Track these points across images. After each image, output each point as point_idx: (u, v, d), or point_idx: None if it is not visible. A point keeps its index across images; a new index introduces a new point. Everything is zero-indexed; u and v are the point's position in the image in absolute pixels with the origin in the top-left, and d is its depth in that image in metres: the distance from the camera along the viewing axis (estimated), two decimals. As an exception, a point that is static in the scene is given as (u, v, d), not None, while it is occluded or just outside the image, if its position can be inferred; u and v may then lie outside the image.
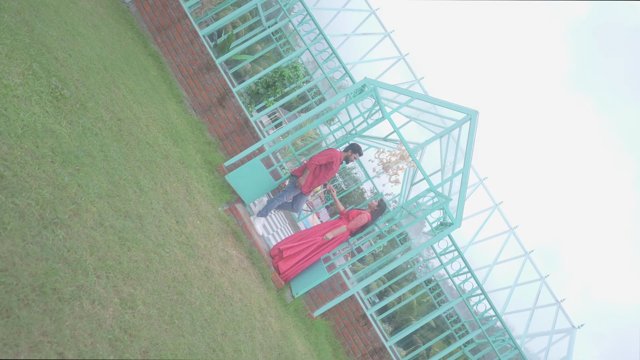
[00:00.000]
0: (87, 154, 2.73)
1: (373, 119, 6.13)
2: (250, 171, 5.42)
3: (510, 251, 8.39)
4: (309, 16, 6.99)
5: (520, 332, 7.88)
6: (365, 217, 5.40)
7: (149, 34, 6.86)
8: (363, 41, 8.49)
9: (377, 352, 6.39)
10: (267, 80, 7.27)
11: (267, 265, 5.14)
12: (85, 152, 2.71)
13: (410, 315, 33.66)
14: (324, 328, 5.99)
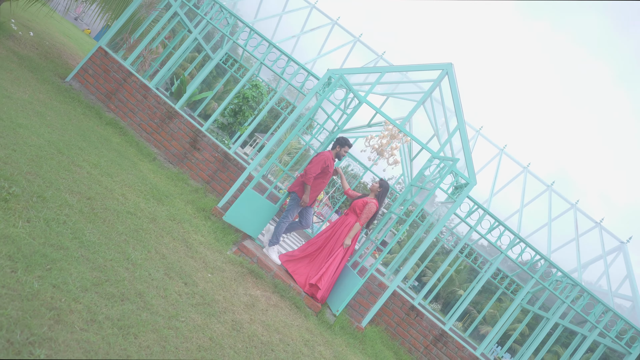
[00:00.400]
0: (57, 247, 2.39)
1: (351, 108, 5.82)
2: (247, 203, 5.09)
3: (530, 191, 8.04)
4: (252, 32, 6.72)
5: (571, 267, 7.51)
6: (373, 205, 5.07)
7: (100, 104, 6.56)
8: (315, 38, 8.23)
9: (439, 339, 6.00)
10: (233, 109, 6.97)
11: (297, 292, 4.77)
12: (54, 246, 2.37)
13: (453, 286, 33.11)
14: (377, 335, 5.61)
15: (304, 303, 4.70)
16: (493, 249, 13.24)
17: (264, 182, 5.68)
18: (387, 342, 5.77)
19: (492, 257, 9.79)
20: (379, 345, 5.36)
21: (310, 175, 5.04)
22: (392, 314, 6.04)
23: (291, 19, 8.12)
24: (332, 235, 5.10)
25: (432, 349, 5.99)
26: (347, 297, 4.77)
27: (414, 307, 6.06)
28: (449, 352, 5.98)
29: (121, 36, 7.15)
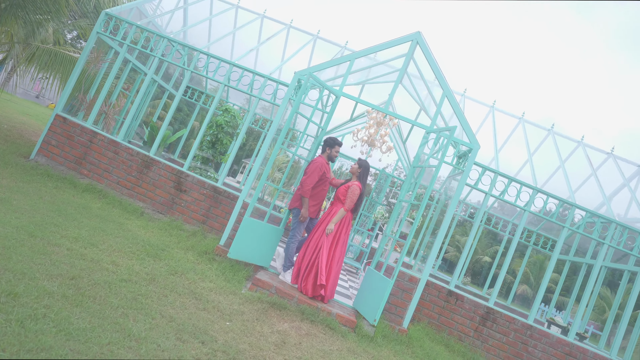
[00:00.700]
0: (38, 348, 2.01)
1: (329, 105, 5.48)
2: (249, 233, 4.70)
3: (532, 140, 7.71)
4: (208, 56, 6.39)
5: (597, 204, 7.17)
6: (355, 187, 4.73)
7: (72, 172, 6.18)
8: (274, 46, 7.92)
9: (487, 317, 5.61)
10: (210, 140, 6.61)
11: (327, 313, 4.38)
12: (33, 348, 1.99)
13: (477, 255, 32.69)
14: (422, 332, 5.21)
15: (337, 322, 4.31)
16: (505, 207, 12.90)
17: (261, 206, 5.32)
18: (434, 337, 5.38)
19: (510, 217, 9.44)
20: (427, 343, 4.97)
21: (307, 186, 4.69)
22: (431, 305, 5.65)
23: (244, 34, 7.82)
24: (321, 231, 4.76)
25: (483, 329, 5.60)
26: (380, 303, 4.38)
27: (451, 292, 5.67)
28: (500, 328, 5.59)
29: (76, 98, 6.80)
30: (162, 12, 7.53)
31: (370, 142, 7.85)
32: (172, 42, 6.46)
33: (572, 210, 5.78)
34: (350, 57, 5.44)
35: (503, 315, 5.60)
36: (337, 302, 4.91)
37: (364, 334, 4.34)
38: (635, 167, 7.43)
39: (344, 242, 4.77)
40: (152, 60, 6.49)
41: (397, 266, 4.46)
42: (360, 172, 4.92)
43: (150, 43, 6.46)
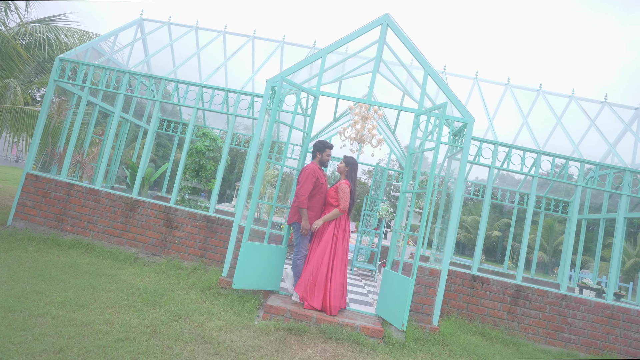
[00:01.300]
0: None
1: (310, 108, 5.17)
2: (250, 258, 4.35)
3: (523, 103, 7.45)
4: (175, 83, 6.07)
5: (602, 154, 6.91)
6: (344, 186, 4.44)
7: (54, 231, 5.80)
8: (241, 60, 7.63)
9: (518, 296, 5.28)
10: (193, 168, 6.26)
11: (351, 327, 4.03)
12: None
13: (487, 231, 32.47)
14: (454, 326, 4.86)
15: (363, 335, 3.95)
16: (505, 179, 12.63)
17: (259, 227, 4.97)
18: (467, 328, 5.03)
19: (513, 186, 9.14)
20: (462, 337, 4.62)
21: (302, 196, 4.35)
22: (457, 295, 5.31)
23: (209, 53, 7.52)
24: (318, 242, 4.45)
25: (516, 310, 5.26)
26: (405, 305, 4.03)
27: (475, 277, 5.34)
28: (534, 304, 5.25)
29: (46, 153, 6.44)
30: (120, 47, 7.22)
31: (359, 139, 7.53)
32: (134, 75, 6.13)
33: (582, 166, 5.49)
34: (321, 53, 5.15)
35: (534, 290, 5.28)
36: (359, 312, 4.56)
37: (395, 342, 3.98)
38: (632, 110, 7.20)
39: (344, 249, 4.43)
40: (118, 98, 6.15)
41: (415, 262, 4.12)
42: (348, 170, 4.61)
43: (112, 80, 6.14)
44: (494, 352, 4.41)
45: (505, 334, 5.08)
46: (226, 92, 5.94)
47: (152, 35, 7.74)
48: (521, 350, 4.70)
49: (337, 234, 4.41)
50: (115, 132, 6.19)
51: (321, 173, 4.62)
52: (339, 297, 4.33)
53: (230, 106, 5.91)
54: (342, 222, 4.47)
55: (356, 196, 4.55)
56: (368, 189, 33.91)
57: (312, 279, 4.27)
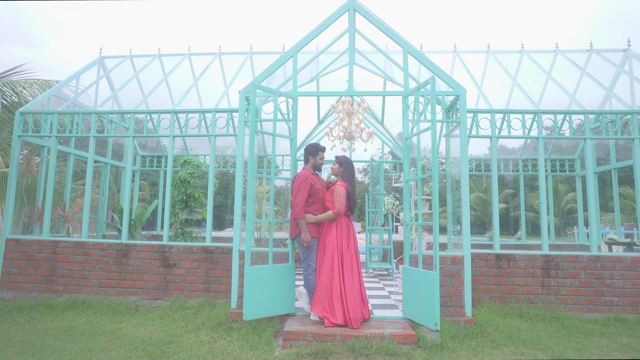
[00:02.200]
0: None
1: (290, 111, 4.83)
2: (257, 284, 3.97)
3: (509, 66, 7.16)
4: (146, 114, 5.73)
5: (599, 102, 6.61)
6: (340, 188, 4.09)
7: (45, 294, 5.39)
8: (211, 80, 7.30)
9: (548, 267, 4.92)
10: (181, 199, 5.89)
11: (380, 338, 3.65)
12: None
13: (487, 206, 32.16)
14: (489, 314, 4.49)
15: (395, 344, 3.58)
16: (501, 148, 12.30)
17: (261, 248, 4.60)
18: (503, 311, 4.65)
19: (507, 155, 8.83)
20: (500, 323, 4.24)
21: (298, 207, 3.99)
22: (485, 279, 4.94)
23: (177, 78, 7.19)
24: (322, 253, 4.11)
25: (549, 282, 4.90)
26: (434, 302, 3.66)
27: (499, 256, 4.98)
28: (567, 273, 4.89)
29: (25, 214, 6.05)
30: (83, 88, 6.87)
31: (348, 136, 7.20)
32: (102, 114, 5.78)
33: (586, 117, 5.17)
34: (291, 52, 4.84)
35: (564, 257, 4.92)
36: (385, 319, 4.18)
37: (431, 345, 3.60)
38: (620, 53, 6.92)
39: (352, 255, 4.06)
40: (89, 141, 5.78)
41: (435, 253, 3.76)
42: (343, 170, 4.26)
43: (79, 125, 5.78)
44: (538, 334, 4.04)
45: (543, 310, 4.71)
46: (200, 113, 5.60)
47: (116, 71, 7.40)
48: (566, 324, 4.33)
49: (340, 240, 4.04)
50: (94, 177, 5.81)
51: (315, 178, 4.26)
52: (359, 308, 3.95)
53: (208, 127, 5.56)
54: (343, 226, 4.11)
55: (356, 196, 4.19)
56: (366, 186, 33.58)
57: (328, 293, 3.90)
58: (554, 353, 3.49)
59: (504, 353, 3.53)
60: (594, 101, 6.70)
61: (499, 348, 3.64)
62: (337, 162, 4.31)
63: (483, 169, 8.45)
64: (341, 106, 7.27)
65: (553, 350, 3.57)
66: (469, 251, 4.32)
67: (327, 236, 4.05)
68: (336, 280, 3.92)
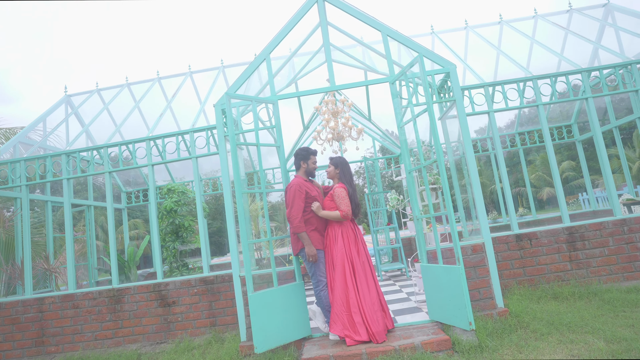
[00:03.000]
0: None
1: (271, 117, 4.47)
2: (265, 310, 3.55)
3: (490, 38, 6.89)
4: (119, 145, 5.32)
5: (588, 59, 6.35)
6: (339, 190, 3.71)
7: (38, 357, 4.90)
8: (185, 101, 6.93)
9: (572, 239, 4.57)
10: (170, 230, 5.46)
11: (411, 349, 3.25)
12: None
13: (488, 187, 32.00)
14: (522, 301, 4.12)
15: (429, 353, 3.18)
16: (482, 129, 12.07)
17: (262, 270, 4.19)
18: (536, 295, 4.28)
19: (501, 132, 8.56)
20: (536, 309, 3.87)
21: (295, 219, 3.60)
22: (508, 263, 4.58)
23: (149, 104, 6.80)
24: (331, 263, 3.71)
25: (577, 255, 4.54)
26: (464, 299, 3.28)
27: (519, 236, 4.62)
28: (594, 242, 4.55)
29: (1, 273, 5.57)
30: (52, 129, 6.45)
31: (337, 137, 6.86)
32: (71, 153, 5.36)
33: (585, 76, 4.88)
34: (263, 54, 4.49)
35: (588, 226, 4.58)
36: (412, 325, 3.78)
37: (468, 347, 3.21)
38: (601, 8, 6.70)
39: (364, 262, 3.67)
40: (63, 184, 5.36)
41: (456, 244, 3.38)
42: (339, 172, 3.88)
43: (49, 168, 5.35)
44: (580, 314, 3.67)
45: (577, 286, 4.35)
46: (177, 135, 5.21)
47: (84, 107, 7.00)
48: (606, 298, 3.96)
49: (348, 249, 3.65)
50: (78, 222, 5.37)
51: (310, 185, 3.87)
52: (380, 319, 3.55)
53: (189, 149, 5.17)
54: (350, 233, 3.72)
55: (357, 198, 3.80)
56: (362, 187, 33.21)
57: (345, 309, 3.50)
58: (607, 334, 3.12)
59: (551, 343, 3.14)
60: (581, 59, 6.44)
61: (544, 338, 3.26)
62: (332, 164, 3.94)
63: (480, 150, 8.14)
64: (325, 107, 6.93)
65: (604, 331, 3.19)
66: (489, 236, 3.96)
67: (334, 246, 3.66)
68: (352, 294, 3.52)
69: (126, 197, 8.67)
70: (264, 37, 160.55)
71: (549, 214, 9.27)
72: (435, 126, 3.48)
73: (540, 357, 2.91)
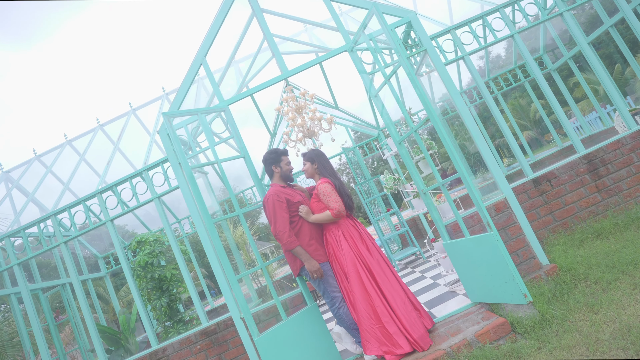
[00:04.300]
0: None
1: (227, 124, 3.83)
2: (282, 351, 2.90)
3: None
4: (67, 210, 4.59)
5: None
6: (323, 186, 3.08)
7: None
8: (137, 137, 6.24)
9: (593, 166, 4.07)
10: (153, 287, 4.74)
11: (466, 345, 2.65)
12: None
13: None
14: (567, 250, 3.57)
15: (489, 347, 2.59)
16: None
17: (265, 305, 3.54)
18: (576, 239, 3.74)
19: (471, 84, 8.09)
20: (582, 254, 3.33)
21: (283, 234, 2.96)
22: (534, 214, 4.04)
23: (96, 156, 6.06)
24: (343, 271, 3.07)
25: (604, 183, 4.04)
26: (509, 270, 2.70)
27: (537, 180, 4.09)
28: (617, 163, 4.06)
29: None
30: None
31: (308, 134, 6.26)
32: (14, 235, 4.61)
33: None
34: (198, 58, 3.88)
35: (605, 148, 4.09)
36: (454, 315, 3.19)
37: (531, 324, 2.63)
38: None
39: (378, 260, 3.07)
40: (15, 271, 4.59)
41: (480, 208, 2.80)
42: (318, 166, 3.27)
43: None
44: (637, 244, 3.14)
45: (616, 216, 3.84)
46: (130, 179, 4.52)
47: (25, 178, 6.21)
48: (655, 220, 3.46)
49: (357, 250, 3.04)
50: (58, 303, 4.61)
51: (290, 191, 3.24)
52: (417, 320, 2.94)
53: (145, 193, 4.47)
54: (352, 231, 3.10)
55: (347, 189, 3.20)
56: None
57: (376, 322, 2.88)
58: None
59: (625, 291, 2.59)
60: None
61: (613, 287, 2.70)
62: (307, 160, 3.33)
63: (468, 101, 7.61)
64: (287, 106, 6.34)
65: (681, 259, 2.67)
66: (509, 188, 3.40)
67: (339, 252, 3.03)
68: (377, 301, 2.90)
69: (104, 262, 7.86)
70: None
71: (537, 155, 8.86)
72: (415, 79, 2.91)
73: (623, 312, 2.35)
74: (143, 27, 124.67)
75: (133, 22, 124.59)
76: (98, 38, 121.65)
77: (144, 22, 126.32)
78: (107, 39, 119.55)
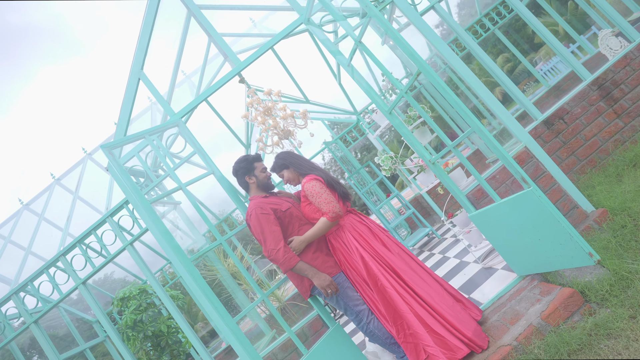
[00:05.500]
0: None
1: (185, 141, 3.25)
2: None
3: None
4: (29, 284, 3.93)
5: None
6: (309, 185, 2.53)
7: None
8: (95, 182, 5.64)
9: (606, 91, 3.61)
10: (153, 346, 4.11)
11: (535, 330, 2.11)
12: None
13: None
14: (609, 188, 3.08)
15: (566, 329, 2.06)
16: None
17: (279, 340, 2.95)
18: (610, 174, 3.26)
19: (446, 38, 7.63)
20: (627, 190, 2.84)
21: (278, 252, 2.38)
22: (556, 158, 3.55)
23: (55, 216, 5.40)
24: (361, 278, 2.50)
25: (623, 105, 3.58)
26: (563, 227, 2.17)
27: (548, 120, 3.61)
28: (631, 81, 3.60)
29: None
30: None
31: (284, 134, 5.70)
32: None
33: None
34: (134, 72, 3.27)
35: (613, 67, 3.63)
36: (501, 296, 2.67)
37: (606, 289, 2.11)
38: None
39: (399, 253, 2.52)
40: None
41: (509, 163, 2.28)
42: (294, 168, 2.70)
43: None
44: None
45: (644, 139, 3.38)
46: (94, 230, 3.88)
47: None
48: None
49: (372, 250, 2.48)
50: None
51: (275, 199, 2.67)
52: (464, 314, 2.41)
53: (111, 244, 3.85)
54: (360, 228, 2.54)
55: (336, 178, 2.64)
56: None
57: (424, 325, 2.32)
58: None
59: None
60: None
61: None
62: (281, 169, 2.75)
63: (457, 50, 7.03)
64: (254, 111, 5.76)
65: None
66: (527, 135, 2.89)
67: (351, 258, 2.47)
68: (413, 303, 2.35)
69: (100, 326, 7.15)
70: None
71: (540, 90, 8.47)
72: (395, 31, 2.37)
73: None
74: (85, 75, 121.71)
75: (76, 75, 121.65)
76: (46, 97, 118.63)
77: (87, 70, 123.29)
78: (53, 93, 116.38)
